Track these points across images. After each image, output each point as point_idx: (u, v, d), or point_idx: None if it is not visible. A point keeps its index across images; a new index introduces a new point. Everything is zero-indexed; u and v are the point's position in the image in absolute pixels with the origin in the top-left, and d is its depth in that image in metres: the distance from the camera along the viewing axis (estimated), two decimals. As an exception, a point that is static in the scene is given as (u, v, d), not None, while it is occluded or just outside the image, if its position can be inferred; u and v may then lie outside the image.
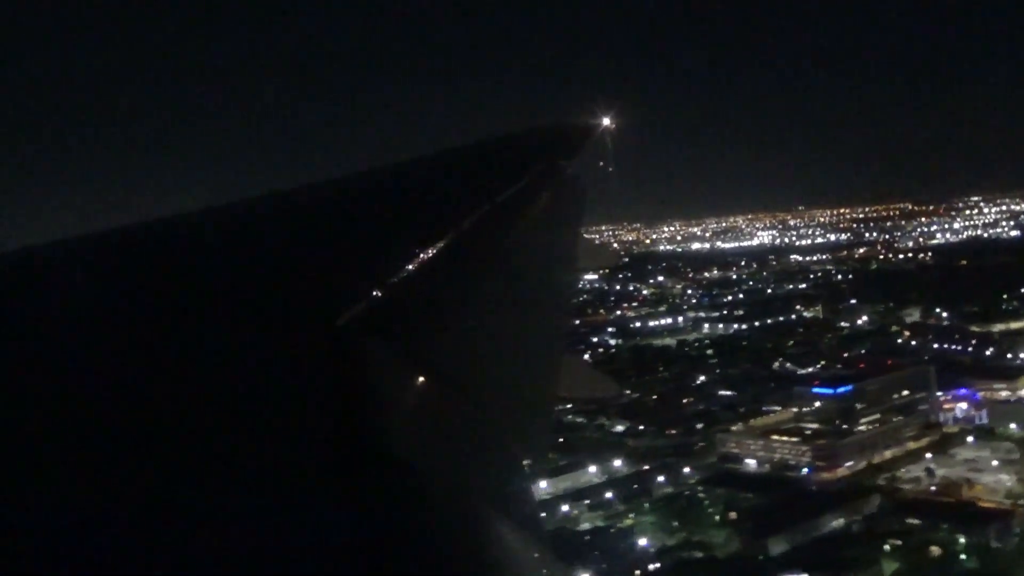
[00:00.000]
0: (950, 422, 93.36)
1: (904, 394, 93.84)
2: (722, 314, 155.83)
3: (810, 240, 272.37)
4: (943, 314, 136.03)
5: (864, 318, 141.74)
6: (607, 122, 8.85)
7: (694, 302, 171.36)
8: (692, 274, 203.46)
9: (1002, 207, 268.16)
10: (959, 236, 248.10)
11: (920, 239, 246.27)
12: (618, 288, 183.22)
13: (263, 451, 1.67)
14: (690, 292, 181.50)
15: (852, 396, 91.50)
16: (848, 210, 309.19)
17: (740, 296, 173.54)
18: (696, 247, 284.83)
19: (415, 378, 2.56)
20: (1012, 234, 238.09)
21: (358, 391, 2.06)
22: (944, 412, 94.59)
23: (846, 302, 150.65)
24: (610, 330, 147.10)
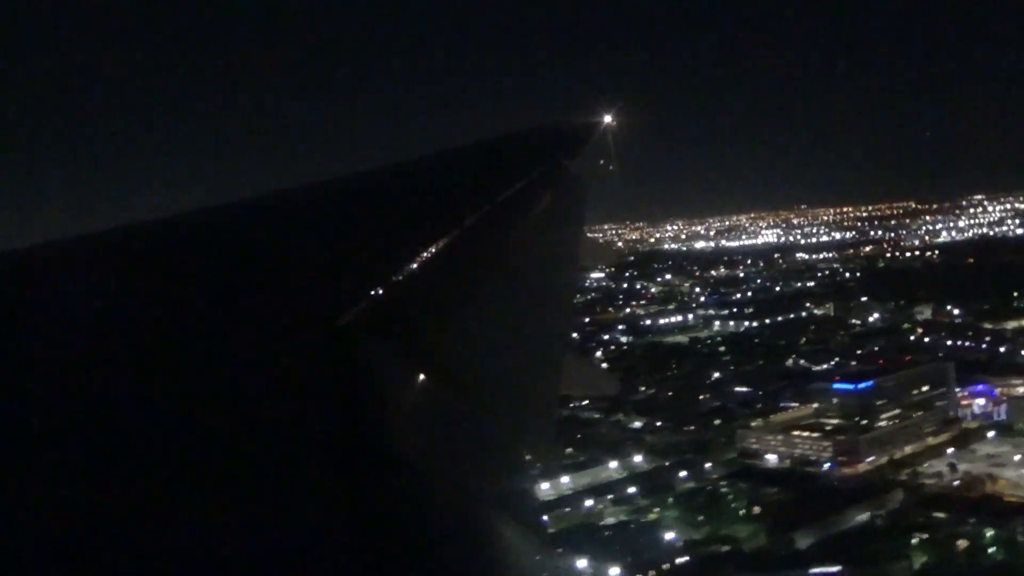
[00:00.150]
0: (968, 418, 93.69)
1: (923, 390, 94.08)
2: (732, 312, 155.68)
3: (815, 239, 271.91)
4: (954, 311, 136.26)
5: (875, 315, 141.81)
6: (609, 121, 8.87)
7: (703, 300, 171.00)
8: (699, 272, 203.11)
9: (1007, 205, 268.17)
10: (965, 234, 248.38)
11: (926, 237, 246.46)
12: (625, 286, 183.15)
13: (264, 452, 1.65)
14: (698, 290, 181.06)
15: (872, 392, 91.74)
16: (851, 209, 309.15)
17: (749, 294, 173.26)
18: (700, 246, 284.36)
19: (416, 378, 2.55)
20: (1019, 232, 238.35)
21: (359, 391, 2.04)
22: (962, 408, 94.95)
23: (857, 300, 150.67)
24: (620, 328, 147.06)
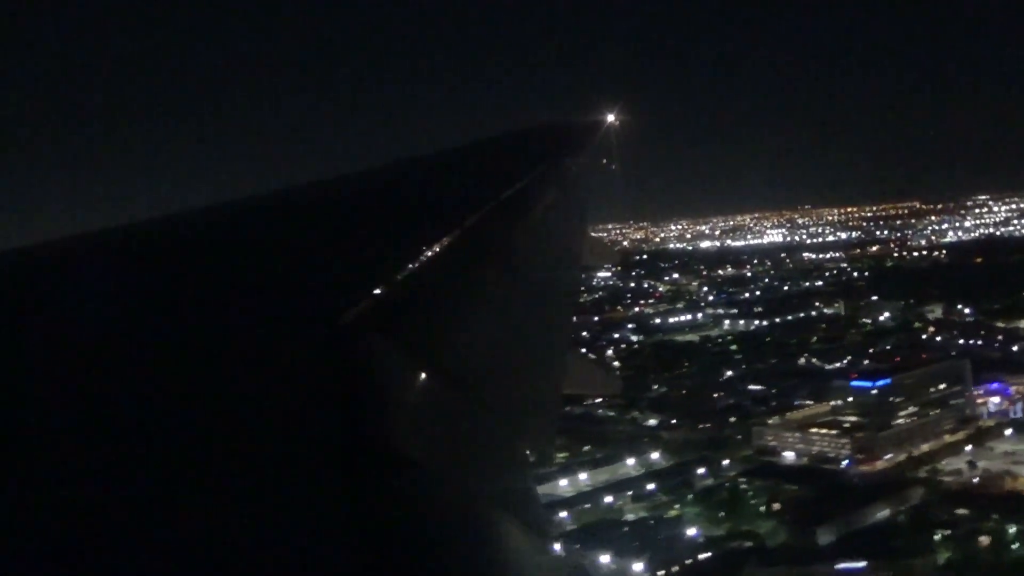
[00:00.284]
0: (984, 416, 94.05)
1: (940, 388, 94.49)
2: (741, 311, 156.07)
3: (821, 238, 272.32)
4: (965, 310, 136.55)
5: (886, 314, 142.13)
6: (612, 120, 8.90)
7: (711, 299, 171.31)
8: (706, 272, 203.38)
9: (1012, 205, 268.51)
10: (971, 234, 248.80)
11: (933, 237, 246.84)
12: (632, 285, 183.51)
13: (266, 450, 1.65)
14: (706, 289, 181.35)
15: (890, 389, 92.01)
16: (856, 209, 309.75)
17: (757, 293, 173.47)
18: (706, 245, 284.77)
19: (419, 376, 2.55)
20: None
21: (362, 389, 2.04)
22: (977, 406, 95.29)
23: (867, 299, 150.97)
24: (630, 326, 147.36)
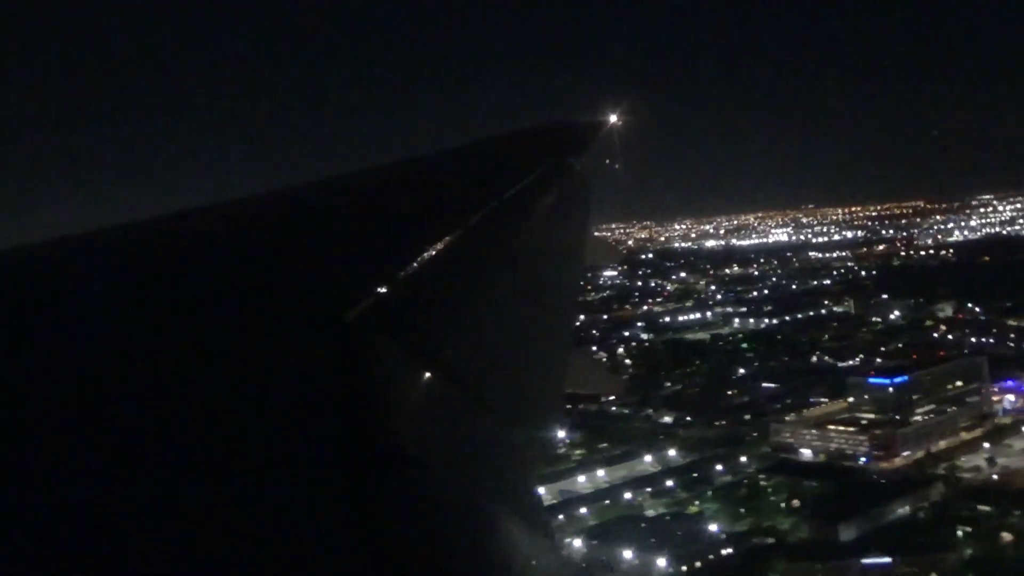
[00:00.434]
0: (1000, 413, 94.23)
1: (957, 385, 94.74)
2: (750, 309, 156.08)
3: (826, 238, 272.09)
4: (976, 309, 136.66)
5: (896, 313, 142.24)
6: (615, 119, 8.86)
7: (719, 298, 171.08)
8: (712, 271, 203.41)
9: (1017, 205, 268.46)
10: (977, 233, 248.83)
11: (939, 236, 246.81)
12: (640, 284, 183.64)
13: (270, 449, 1.64)
14: (713, 288, 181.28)
15: (908, 387, 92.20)
16: (860, 208, 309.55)
17: (765, 292, 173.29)
18: (711, 244, 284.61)
19: (422, 375, 2.56)
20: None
21: (365, 388, 2.04)
22: (994, 403, 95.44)
23: (876, 297, 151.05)
24: (640, 325, 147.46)
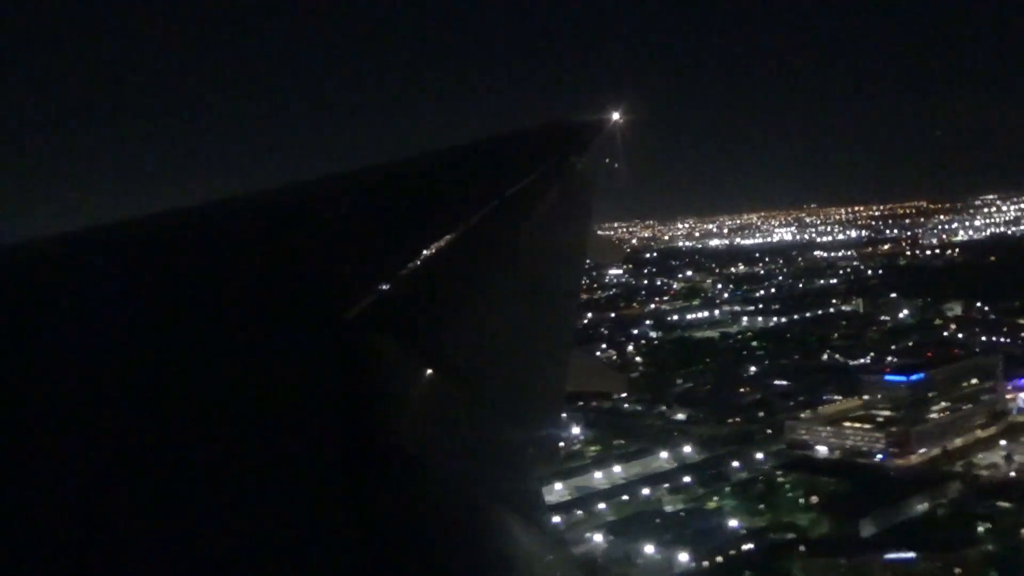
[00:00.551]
0: (1014, 411, 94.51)
1: (972, 383, 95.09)
2: (758, 308, 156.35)
3: (830, 237, 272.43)
4: (984, 308, 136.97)
5: (905, 312, 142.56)
6: (617, 118, 8.87)
7: (726, 296, 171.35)
8: (718, 269, 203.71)
9: (1021, 205, 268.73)
10: (982, 233, 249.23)
11: (943, 236, 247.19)
12: (646, 283, 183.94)
13: (270, 448, 1.64)
14: (720, 287, 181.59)
15: (924, 384, 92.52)
16: (863, 208, 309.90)
17: (772, 291, 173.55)
18: (715, 244, 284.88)
19: (423, 373, 2.55)
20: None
21: (366, 386, 2.04)
22: (1008, 402, 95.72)
23: (885, 296, 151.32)
24: (648, 323, 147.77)
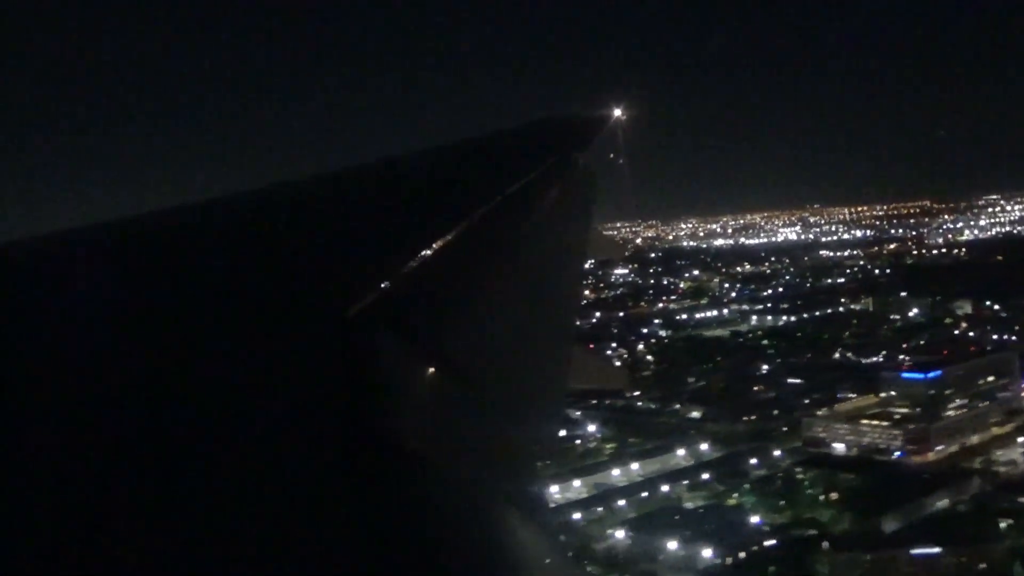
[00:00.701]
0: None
1: (989, 380, 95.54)
2: (767, 307, 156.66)
3: (834, 237, 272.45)
4: (995, 306, 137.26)
5: (915, 310, 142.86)
6: (619, 114, 8.87)
7: (733, 295, 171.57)
8: (724, 269, 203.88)
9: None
10: (987, 233, 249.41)
11: (949, 235, 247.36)
12: (652, 282, 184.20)
13: (271, 446, 1.65)
14: (727, 286, 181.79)
15: (941, 381, 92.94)
16: (866, 208, 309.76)
17: (780, 290, 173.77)
18: (719, 243, 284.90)
19: (425, 370, 2.55)
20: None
21: (368, 384, 2.04)
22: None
23: (894, 295, 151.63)
24: (657, 322, 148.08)
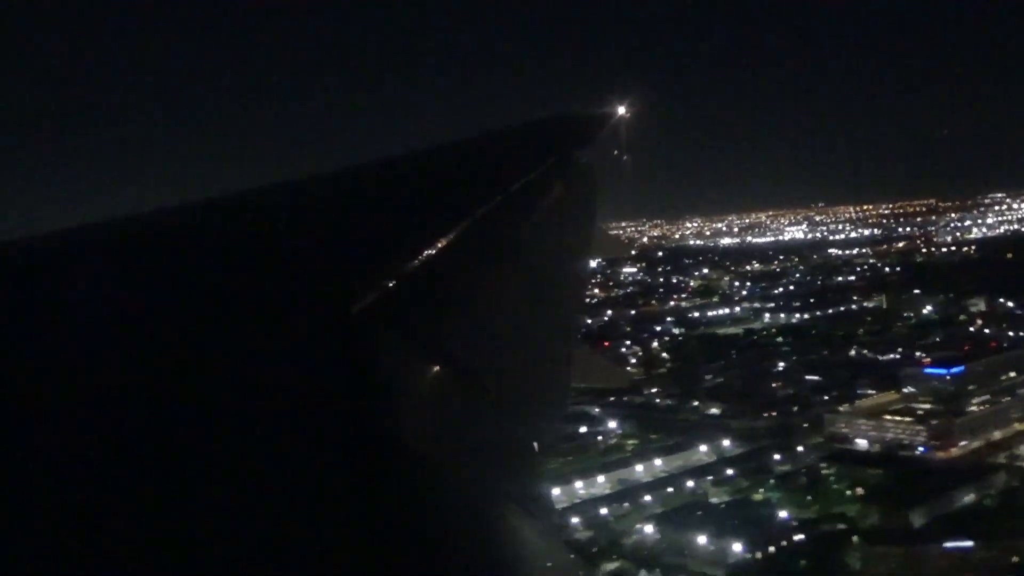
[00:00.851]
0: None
1: (1011, 375, 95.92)
2: (779, 304, 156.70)
3: (842, 235, 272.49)
4: (1008, 304, 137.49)
5: (928, 308, 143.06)
6: (622, 112, 8.88)
7: (744, 293, 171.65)
8: (733, 267, 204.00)
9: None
10: (996, 231, 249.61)
11: (958, 233, 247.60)
12: (661, 280, 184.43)
13: (274, 444, 1.64)
14: (737, 284, 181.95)
15: (964, 377, 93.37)
16: (872, 207, 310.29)
17: (791, 288, 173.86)
18: (725, 242, 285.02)
19: (428, 369, 2.57)
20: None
21: (371, 381, 2.05)
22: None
23: (907, 292, 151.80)
24: (669, 320, 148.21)
